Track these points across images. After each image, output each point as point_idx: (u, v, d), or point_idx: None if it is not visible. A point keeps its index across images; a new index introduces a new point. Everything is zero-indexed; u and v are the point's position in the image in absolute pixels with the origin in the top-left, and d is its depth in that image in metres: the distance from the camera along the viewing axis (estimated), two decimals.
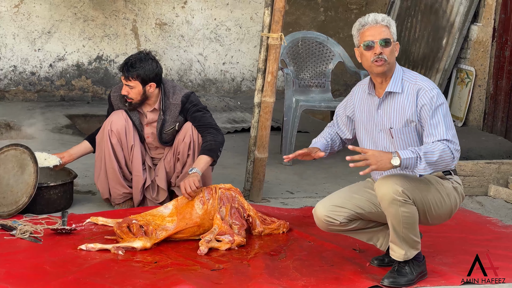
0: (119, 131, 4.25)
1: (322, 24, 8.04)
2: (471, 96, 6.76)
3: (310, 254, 3.80)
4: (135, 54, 4.26)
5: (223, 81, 7.81)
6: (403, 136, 3.44)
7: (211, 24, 7.68)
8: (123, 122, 4.26)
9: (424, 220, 3.48)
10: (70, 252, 3.66)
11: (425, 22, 7.07)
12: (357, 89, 3.66)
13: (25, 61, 7.13)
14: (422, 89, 3.40)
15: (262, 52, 4.56)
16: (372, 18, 3.41)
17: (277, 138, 5.88)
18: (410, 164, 3.27)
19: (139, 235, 3.79)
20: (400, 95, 3.44)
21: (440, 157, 3.29)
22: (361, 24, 3.43)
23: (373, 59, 3.38)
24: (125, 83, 4.21)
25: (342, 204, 3.52)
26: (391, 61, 3.41)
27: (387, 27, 3.41)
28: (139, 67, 4.17)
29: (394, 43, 3.42)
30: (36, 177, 4.09)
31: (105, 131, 4.26)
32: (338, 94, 7.94)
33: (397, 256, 3.47)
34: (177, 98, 4.29)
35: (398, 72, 3.46)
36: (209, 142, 4.16)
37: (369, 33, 3.39)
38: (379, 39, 3.38)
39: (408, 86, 3.43)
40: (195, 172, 4.01)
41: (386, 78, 3.46)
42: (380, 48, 3.37)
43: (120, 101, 4.31)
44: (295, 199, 4.79)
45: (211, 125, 4.26)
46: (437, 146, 3.30)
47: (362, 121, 3.58)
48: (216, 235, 3.86)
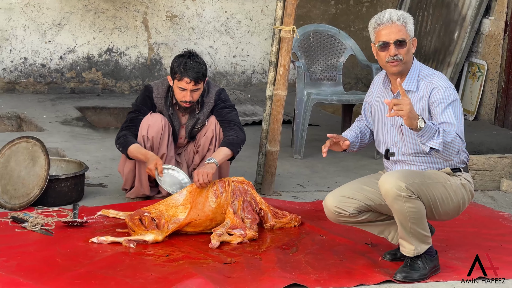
0: (154, 138, 4.15)
1: (333, 17, 7.99)
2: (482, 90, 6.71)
3: (322, 248, 3.79)
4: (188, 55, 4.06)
5: (233, 74, 7.79)
6: (413, 135, 3.39)
7: (222, 16, 7.65)
8: (160, 129, 4.14)
9: (431, 216, 3.45)
10: (82, 245, 3.66)
11: (437, 15, 7.02)
12: (377, 79, 3.64)
13: (35, 53, 7.13)
14: (436, 88, 3.36)
15: (274, 45, 4.53)
16: (388, 17, 3.35)
17: (288, 132, 5.86)
18: (428, 134, 3.18)
19: (151, 228, 3.78)
20: (415, 94, 3.40)
21: (452, 141, 3.24)
22: (377, 23, 3.37)
23: (388, 60, 3.35)
24: (195, 87, 4.07)
25: (352, 195, 3.50)
26: (407, 60, 3.37)
27: (404, 25, 3.34)
28: (202, 68, 4.06)
29: (410, 40, 3.36)
30: (48, 169, 4.09)
31: (140, 136, 4.13)
32: (349, 87, 7.91)
33: (407, 252, 3.44)
34: (211, 96, 4.24)
35: (414, 70, 3.41)
36: (231, 137, 4.13)
37: (384, 32, 3.34)
38: (394, 40, 3.32)
39: (423, 84, 3.39)
40: (213, 163, 3.98)
41: (402, 75, 3.42)
42: (395, 49, 3.33)
43: (165, 104, 4.21)
44: (306, 192, 4.77)
45: (235, 122, 4.22)
46: (451, 130, 3.26)
47: (378, 112, 3.56)
48: (228, 229, 3.85)
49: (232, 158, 4.17)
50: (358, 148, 3.66)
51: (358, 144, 3.64)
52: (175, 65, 4.09)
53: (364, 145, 3.68)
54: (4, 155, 4.18)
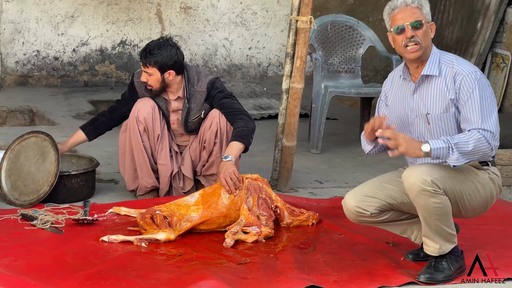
0: (146, 119, 4.10)
1: (351, 7, 7.81)
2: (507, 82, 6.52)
3: (341, 247, 3.64)
4: (155, 40, 4.10)
5: (249, 67, 7.64)
6: (440, 123, 3.25)
7: (237, 8, 7.50)
8: (150, 110, 4.11)
9: (457, 213, 3.28)
10: (92, 244, 3.54)
11: (459, 4, 6.82)
12: (392, 75, 3.49)
13: (48, 46, 7.03)
14: (459, 73, 3.21)
15: (290, 36, 4.37)
16: (402, 0, 3.24)
17: (304, 125, 5.71)
18: (441, 154, 3.08)
19: (162, 226, 3.65)
20: (438, 79, 3.25)
21: (476, 147, 3.10)
22: (391, 8, 3.26)
23: (405, 43, 3.21)
24: (144, 69, 4.06)
25: (373, 194, 3.34)
26: (426, 44, 3.23)
27: (419, 8, 3.23)
28: (157, 53, 4.01)
29: (428, 24, 3.24)
30: (58, 165, 3.97)
31: (132, 120, 4.10)
32: (367, 79, 7.73)
33: (431, 251, 3.28)
34: (202, 85, 4.12)
35: (434, 55, 3.27)
36: (241, 128, 3.99)
37: (400, 16, 3.22)
38: (409, 22, 3.20)
39: (446, 69, 3.25)
40: (230, 160, 3.85)
41: (422, 62, 3.28)
42: (412, 31, 3.20)
43: (145, 88, 4.16)
44: (324, 188, 4.62)
45: (241, 111, 4.09)
46: (472, 135, 3.11)
47: (395, 107, 3.39)
48: (243, 226, 3.71)
49: (245, 150, 4.03)
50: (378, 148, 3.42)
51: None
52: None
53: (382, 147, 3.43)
54: (14, 150, 4.07)
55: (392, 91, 3.43)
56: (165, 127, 4.20)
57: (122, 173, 4.25)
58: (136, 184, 4.21)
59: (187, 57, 7.42)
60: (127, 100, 4.24)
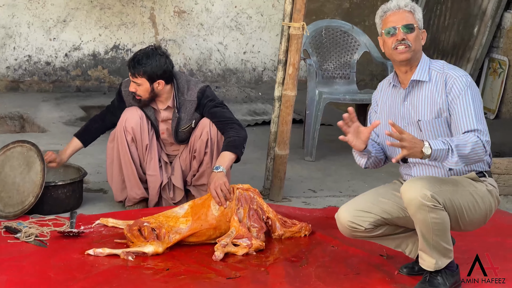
0: (134, 129, 4.00)
1: (347, 11, 7.73)
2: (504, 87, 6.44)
3: (334, 260, 3.54)
4: (143, 49, 4.00)
5: (243, 71, 7.55)
6: (432, 129, 3.18)
7: (232, 11, 7.41)
8: (138, 120, 4.01)
9: (456, 226, 3.20)
10: (77, 258, 3.44)
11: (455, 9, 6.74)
12: (382, 84, 3.41)
13: (40, 51, 6.94)
14: (450, 76, 3.16)
15: (283, 42, 4.28)
16: (395, 3, 3.19)
17: (299, 132, 5.61)
18: (440, 156, 2.99)
19: (150, 239, 3.55)
20: (428, 84, 3.19)
21: (473, 149, 3.02)
22: (383, 11, 3.22)
23: (394, 45, 3.15)
24: (132, 80, 3.96)
25: (367, 209, 3.25)
26: (416, 48, 3.17)
27: (411, 12, 3.18)
28: (145, 63, 3.91)
29: (419, 30, 3.18)
30: (43, 175, 3.87)
31: (120, 130, 4.01)
32: (363, 84, 7.64)
33: (427, 266, 3.20)
34: (192, 94, 4.03)
35: (424, 61, 3.22)
36: (232, 138, 3.90)
37: (392, 19, 3.17)
38: (401, 25, 3.15)
39: (436, 75, 3.19)
40: (221, 171, 3.76)
41: (411, 67, 3.21)
42: (403, 34, 3.14)
43: (132, 97, 4.07)
44: (318, 198, 4.52)
45: (233, 120, 4.00)
46: (469, 138, 3.03)
47: (386, 115, 3.31)
48: (234, 238, 3.61)
49: (237, 160, 3.94)
50: (374, 158, 3.30)
51: (374, 151, 3.29)
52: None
53: (378, 158, 3.33)
54: None
55: (382, 100, 3.35)
56: (154, 136, 4.10)
57: (110, 184, 4.16)
58: (125, 195, 4.12)
59: (181, 62, 7.34)
60: (115, 108, 4.16)
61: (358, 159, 3.31)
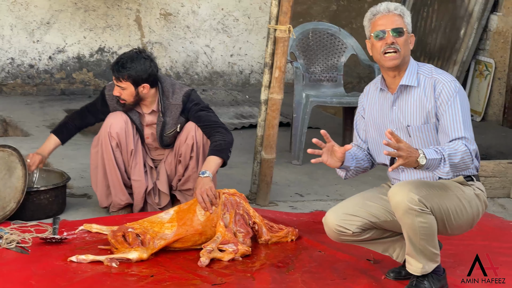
0: (119, 134, 3.94)
1: (334, 14, 7.71)
2: (490, 90, 6.44)
3: (320, 265, 3.50)
4: (127, 53, 3.94)
5: (230, 74, 7.51)
6: (421, 135, 3.15)
7: (218, 14, 7.37)
8: (123, 125, 3.95)
9: (443, 230, 3.17)
10: (60, 264, 3.38)
11: (442, 11, 6.73)
12: (368, 88, 3.38)
13: (23, 53, 6.86)
14: (438, 81, 3.13)
15: (269, 45, 4.24)
16: (384, 6, 3.16)
17: (286, 135, 5.57)
18: (433, 165, 2.98)
19: (135, 245, 3.50)
20: (416, 89, 3.16)
21: (462, 159, 3.01)
22: (372, 14, 3.17)
23: (383, 50, 3.11)
24: (116, 84, 3.90)
25: (354, 212, 3.22)
26: (405, 53, 3.13)
27: (401, 16, 3.15)
28: (130, 67, 3.86)
29: (408, 34, 3.15)
30: (25, 181, 3.81)
31: (104, 135, 3.94)
32: (350, 87, 7.62)
33: (414, 270, 3.17)
34: (177, 97, 3.97)
35: (412, 66, 3.19)
36: (218, 142, 3.85)
37: (381, 22, 3.13)
38: (391, 28, 3.11)
39: (424, 79, 3.16)
40: (208, 176, 3.71)
41: (399, 72, 3.18)
42: (392, 38, 3.11)
43: (116, 101, 4.01)
44: (304, 202, 4.48)
45: (218, 124, 3.95)
46: (459, 147, 3.02)
47: (374, 120, 3.28)
48: (219, 244, 3.57)
49: (224, 164, 3.89)
50: (354, 170, 3.28)
51: (354, 163, 3.26)
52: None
53: (360, 168, 3.30)
54: None
55: (370, 104, 3.31)
56: (139, 141, 4.05)
57: (94, 190, 4.09)
58: (109, 201, 4.06)
59: (168, 65, 7.28)
60: (97, 110, 4.09)
61: (337, 171, 3.30)
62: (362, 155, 3.34)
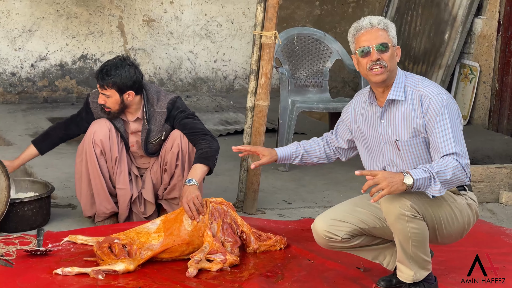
0: (103, 142, 3.89)
1: (318, 18, 7.69)
2: (475, 93, 6.44)
3: (310, 274, 3.46)
4: (111, 60, 3.89)
5: (214, 80, 7.45)
6: (410, 149, 3.11)
7: (202, 20, 7.32)
8: (107, 132, 3.90)
9: (433, 239, 3.15)
10: (45, 277, 3.31)
11: (426, 15, 6.73)
12: (356, 99, 3.34)
13: (4, 61, 6.76)
14: (425, 95, 3.08)
15: (255, 51, 4.20)
16: (367, 21, 3.10)
17: (272, 141, 5.53)
18: (423, 185, 2.93)
19: (121, 256, 3.44)
20: (404, 103, 3.11)
21: (454, 174, 2.96)
22: (356, 29, 3.12)
23: (369, 66, 3.06)
24: (101, 92, 3.84)
25: (343, 218, 3.20)
26: (391, 68, 3.09)
27: (385, 30, 3.09)
28: (114, 74, 3.81)
29: (393, 47, 3.10)
30: (8, 192, 3.73)
31: (88, 143, 3.89)
32: (335, 91, 7.60)
33: (405, 278, 3.15)
34: (162, 105, 3.92)
35: (400, 78, 3.13)
36: (204, 150, 3.80)
37: (365, 37, 3.08)
38: (375, 44, 3.06)
39: (412, 92, 3.11)
40: (194, 185, 3.65)
41: (387, 86, 3.14)
42: (378, 54, 3.06)
43: (101, 109, 3.95)
44: (292, 209, 4.44)
45: (204, 132, 3.90)
46: (449, 162, 2.96)
47: (364, 133, 3.24)
48: (207, 253, 3.51)
49: (210, 172, 3.84)
50: (299, 163, 3.43)
51: (298, 160, 3.41)
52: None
53: (309, 162, 3.44)
54: None
55: (360, 117, 3.28)
56: (124, 149, 3.99)
57: (78, 199, 4.03)
58: (94, 210, 3.99)
59: (151, 71, 7.22)
60: (82, 120, 4.03)
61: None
62: (320, 153, 3.42)
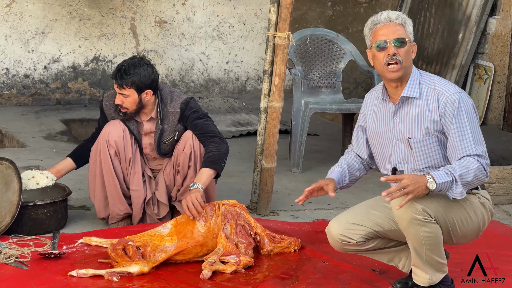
0: (117, 143, 3.89)
1: (330, 19, 7.66)
2: (490, 94, 6.40)
3: (325, 276, 3.44)
4: (128, 60, 3.89)
5: (227, 81, 7.45)
6: (423, 147, 3.09)
7: (214, 21, 7.31)
8: (121, 133, 3.90)
9: (449, 240, 3.12)
10: (60, 279, 3.31)
11: (440, 15, 6.69)
12: (369, 95, 3.31)
13: (18, 63, 6.79)
14: (442, 93, 3.04)
15: (268, 52, 4.19)
16: (385, 16, 3.07)
17: (285, 142, 5.51)
18: (445, 188, 2.92)
19: (135, 258, 3.43)
20: (418, 101, 3.08)
21: (475, 176, 2.94)
22: (373, 23, 3.09)
23: (386, 61, 3.04)
24: (119, 91, 3.84)
25: (358, 221, 3.17)
26: (407, 64, 3.06)
27: (402, 25, 3.06)
28: (133, 73, 3.80)
29: (410, 43, 3.07)
30: (20, 195, 3.73)
31: (102, 144, 3.89)
32: (348, 92, 7.57)
33: (421, 281, 3.12)
34: (175, 105, 3.92)
35: (414, 76, 3.11)
36: (212, 153, 3.79)
37: (382, 32, 3.05)
38: (392, 39, 3.03)
39: (427, 90, 3.08)
40: (197, 188, 3.65)
41: (401, 82, 3.11)
42: (394, 49, 3.03)
43: (115, 110, 3.95)
44: (306, 211, 4.42)
45: (214, 133, 3.89)
46: (471, 164, 2.94)
47: (376, 130, 3.22)
48: (221, 255, 3.50)
49: (218, 176, 3.83)
50: (349, 183, 3.32)
51: (348, 178, 3.30)
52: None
53: (355, 178, 3.34)
54: None
55: (372, 114, 3.25)
56: (137, 150, 3.99)
57: (92, 200, 4.03)
58: (107, 212, 3.99)
59: (163, 73, 7.22)
60: (101, 127, 4.02)
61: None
62: (358, 165, 3.34)
